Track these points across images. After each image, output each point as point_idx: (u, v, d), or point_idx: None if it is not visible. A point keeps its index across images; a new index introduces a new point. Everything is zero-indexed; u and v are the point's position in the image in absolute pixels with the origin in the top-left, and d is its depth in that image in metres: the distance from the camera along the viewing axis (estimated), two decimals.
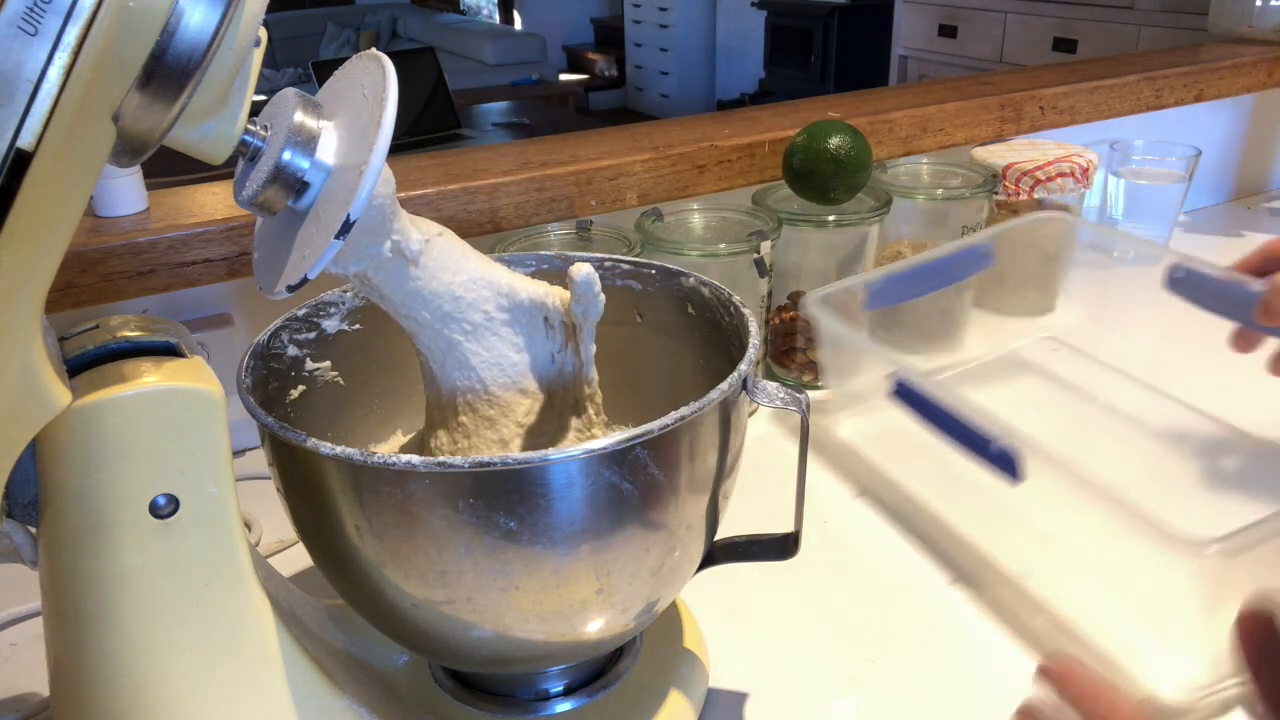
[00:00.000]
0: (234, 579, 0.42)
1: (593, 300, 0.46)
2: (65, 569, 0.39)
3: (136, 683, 0.40)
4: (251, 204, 0.40)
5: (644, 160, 0.88)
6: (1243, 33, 1.39)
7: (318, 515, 0.43)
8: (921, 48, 3.09)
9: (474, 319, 0.47)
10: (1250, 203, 1.40)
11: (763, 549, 0.53)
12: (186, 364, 0.41)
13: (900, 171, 0.98)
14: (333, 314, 0.54)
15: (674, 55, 5.43)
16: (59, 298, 0.69)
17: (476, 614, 0.43)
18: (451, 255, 0.46)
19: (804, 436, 0.49)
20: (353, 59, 0.42)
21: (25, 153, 0.30)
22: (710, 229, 0.84)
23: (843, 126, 0.83)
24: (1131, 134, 1.20)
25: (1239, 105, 1.35)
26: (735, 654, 0.58)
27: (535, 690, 0.52)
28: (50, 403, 0.36)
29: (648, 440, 0.40)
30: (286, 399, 0.51)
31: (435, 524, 0.40)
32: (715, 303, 0.53)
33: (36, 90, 0.30)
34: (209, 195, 0.79)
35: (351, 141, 0.39)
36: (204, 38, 0.32)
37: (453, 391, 0.48)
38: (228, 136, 0.38)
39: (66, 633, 0.40)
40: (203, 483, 0.40)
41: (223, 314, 0.79)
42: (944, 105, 1.04)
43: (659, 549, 0.44)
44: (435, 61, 3.05)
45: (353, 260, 0.42)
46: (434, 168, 0.85)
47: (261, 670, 0.43)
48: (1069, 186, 0.93)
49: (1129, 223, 1.16)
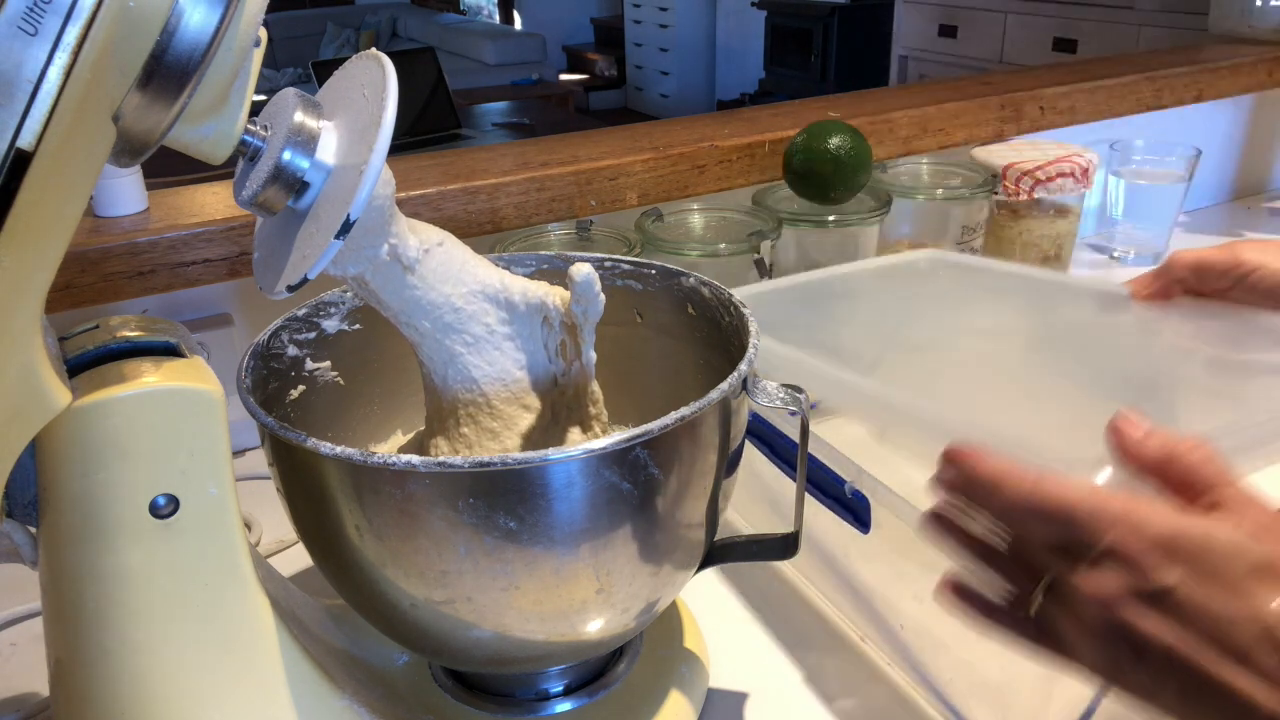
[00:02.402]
0: (234, 579, 0.42)
1: (593, 300, 0.46)
2: (65, 569, 0.39)
3: (136, 683, 0.40)
4: (251, 204, 0.40)
5: (644, 160, 0.88)
6: (1243, 33, 1.39)
7: (318, 515, 0.43)
8: (921, 48, 3.09)
9: (475, 331, 0.47)
10: (1250, 203, 1.40)
11: (763, 549, 0.53)
12: (186, 364, 0.41)
13: (900, 171, 0.98)
14: (333, 314, 0.54)
15: (674, 55, 5.42)
16: (59, 298, 0.69)
17: (476, 614, 0.43)
18: (451, 266, 0.46)
19: (804, 436, 0.49)
20: (353, 59, 0.42)
21: (25, 153, 0.30)
22: (710, 229, 0.84)
23: (843, 126, 0.83)
24: (1131, 134, 1.20)
25: (1239, 105, 1.35)
26: (735, 654, 0.58)
27: (535, 690, 0.52)
28: (50, 403, 0.36)
29: (648, 440, 0.40)
30: (286, 399, 0.51)
31: (435, 524, 0.40)
32: (715, 303, 0.53)
33: (36, 90, 0.30)
34: (209, 195, 0.79)
35: (351, 141, 0.39)
36: (204, 38, 0.32)
37: (454, 404, 0.48)
38: (228, 136, 0.38)
39: (66, 633, 0.40)
40: (203, 483, 0.40)
41: (223, 314, 0.79)
42: (944, 105, 1.04)
43: (659, 549, 0.44)
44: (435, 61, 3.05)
45: (350, 262, 0.42)
46: (434, 168, 0.85)
47: (261, 670, 0.43)
48: (1069, 186, 0.93)
49: (1129, 223, 1.16)
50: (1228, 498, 0.35)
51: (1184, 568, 0.33)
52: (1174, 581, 0.33)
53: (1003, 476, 0.37)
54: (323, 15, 5.78)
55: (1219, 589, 0.33)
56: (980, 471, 0.38)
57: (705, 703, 0.55)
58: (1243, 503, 0.35)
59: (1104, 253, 1.20)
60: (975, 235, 0.94)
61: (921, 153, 1.04)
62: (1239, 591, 0.33)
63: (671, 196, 0.90)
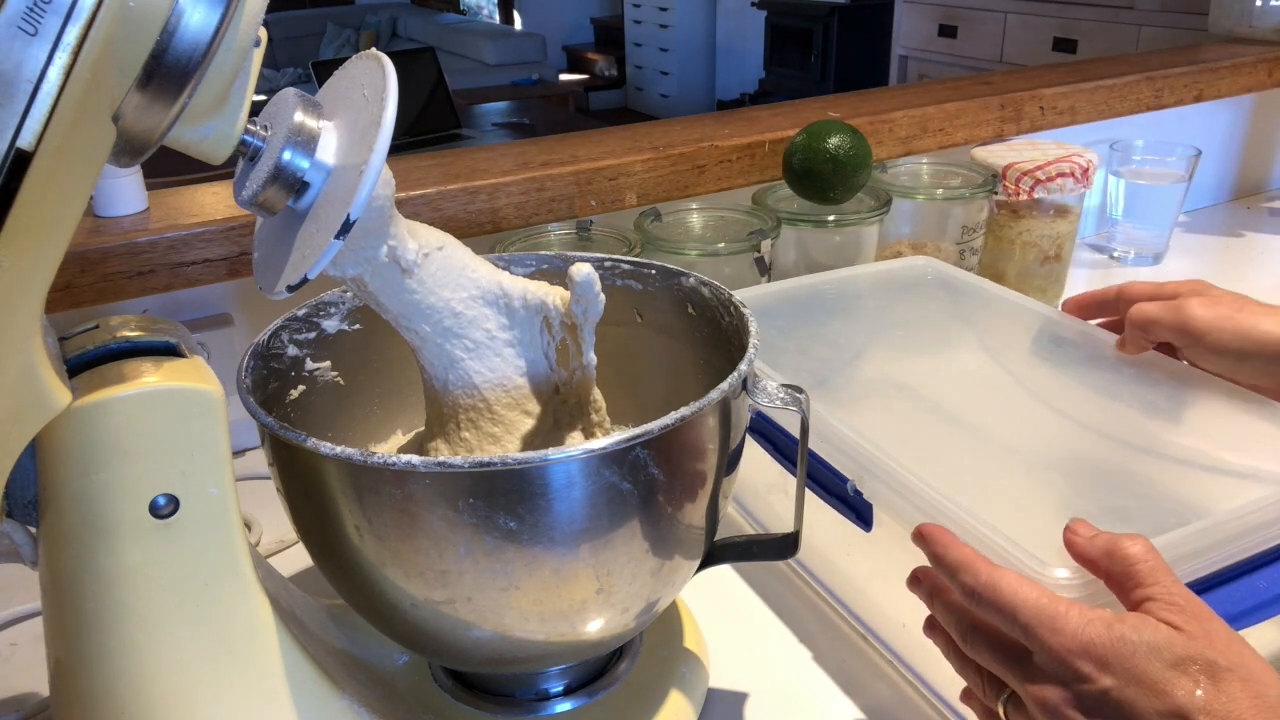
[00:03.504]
0: (234, 579, 0.42)
1: (593, 300, 0.46)
2: (65, 569, 0.39)
3: (136, 683, 0.40)
4: (251, 204, 0.40)
5: (644, 160, 0.88)
6: (1243, 33, 1.39)
7: (318, 515, 0.43)
8: (921, 48, 3.09)
9: (476, 337, 0.47)
10: (1250, 203, 1.40)
11: (763, 549, 0.53)
12: (186, 364, 0.41)
13: (900, 171, 0.98)
14: (333, 314, 0.54)
15: (674, 55, 5.42)
16: (59, 298, 0.69)
17: (476, 614, 0.43)
18: (451, 271, 0.46)
19: (804, 436, 0.49)
20: (353, 59, 0.42)
21: (25, 153, 0.30)
22: (710, 229, 0.84)
23: (842, 126, 0.83)
24: (1131, 134, 1.20)
25: (1239, 105, 1.35)
26: (735, 654, 0.58)
27: (535, 690, 0.52)
28: (50, 403, 0.36)
29: (648, 440, 0.40)
30: (286, 399, 0.51)
31: (435, 524, 0.40)
32: (715, 303, 0.53)
33: (36, 90, 0.30)
34: (209, 195, 0.79)
35: (351, 141, 0.39)
36: (204, 38, 0.32)
37: (455, 408, 0.48)
38: (228, 136, 0.38)
39: (66, 633, 0.40)
40: (203, 483, 0.40)
41: (223, 314, 0.79)
42: (944, 105, 1.04)
43: (659, 549, 0.44)
44: (435, 61, 3.05)
45: (349, 263, 0.42)
46: (434, 168, 0.85)
47: (261, 670, 0.43)
48: (1069, 186, 0.93)
49: (1129, 223, 1.16)
50: (1156, 593, 0.40)
51: (1113, 674, 0.38)
52: (1107, 685, 0.38)
53: (962, 565, 0.43)
54: (323, 15, 5.78)
55: (1145, 689, 0.37)
56: (945, 557, 0.44)
57: (705, 703, 0.55)
58: (1171, 597, 0.40)
59: (1104, 253, 1.20)
60: (975, 235, 0.94)
61: (921, 153, 1.04)
62: (1161, 690, 0.37)
63: (671, 196, 0.90)
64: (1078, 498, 0.45)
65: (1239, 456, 0.55)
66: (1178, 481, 0.53)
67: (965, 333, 0.71)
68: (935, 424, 0.60)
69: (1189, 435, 0.58)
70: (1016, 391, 0.64)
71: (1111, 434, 0.58)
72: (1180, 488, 0.53)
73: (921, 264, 0.81)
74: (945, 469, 0.51)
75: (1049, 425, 0.60)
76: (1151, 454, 0.56)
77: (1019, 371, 0.66)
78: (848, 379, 0.66)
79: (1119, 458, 0.56)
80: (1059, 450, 0.57)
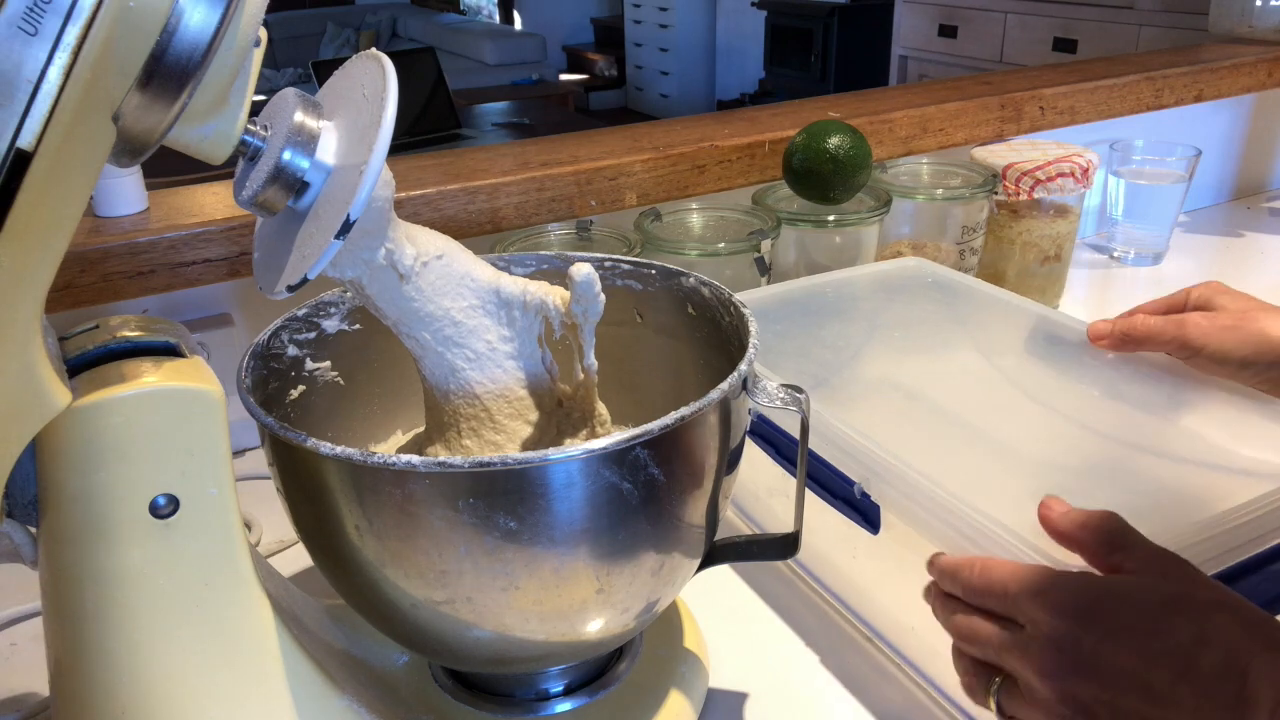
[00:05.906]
0: (234, 579, 0.42)
1: (593, 300, 0.46)
2: (65, 569, 0.39)
3: (136, 683, 0.40)
4: (251, 204, 0.40)
5: (644, 160, 0.88)
6: (1243, 33, 1.39)
7: (318, 515, 0.43)
8: (921, 48, 3.09)
9: (477, 348, 0.47)
10: (1250, 203, 1.40)
11: (763, 549, 0.53)
12: (186, 364, 0.41)
13: (900, 171, 0.98)
14: (333, 314, 0.54)
15: (674, 55, 5.42)
16: (59, 298, 0.69)
17: (476, 614, 0.43)
18: (451, 279, 0.46)
19: (804, 435, 0.49)
20: (353, 59, 0.42)
21: (25, 153, 0.30)
22: (710, 229, 0.84)
23: (842, 126, 0.83)
24: (1131, 134, 1.20)
25: (1239, 105, 1.35)
26: (735, 654, 0.58)
27: (535, 690, 0.52)
28: (50, 403, 0.36)
29: (648, 440, 0.40)
30: (286, 399, 0.51)
31: (435, 524, 0.40)
32: (715, 303, 0.53)
33: (36, 90, 0.30)
34: (209, 195, 0.79)
35: (351, 141, 0.39)
36: (204, 38, 0.32)
37: (456, 416, 0.48)
38: (228, 136, 0.38)
39: (66, 633, 0.40)
40: (203, 483, 0.40)
41: (223, 314, 0.79)
42: (944, 105, 1.04)
43: (659, 549, 0.44)
44: (435, 61, 3.05)
45: (348, 264, 0.42)
46: (434, 168, 0.85)
47: (261, 670, 0.43)
48: (1069, 186, 0.93)
49: (1129, 223, 1.16)
50: (1133, 553, 0.41)
51: (1102, 624, 0.38)
52: (1097, 639, 0.38)
53: (958, 568, 0.46)
54: (323, 15, 5.78)
55: (1137, 635, 0.38)
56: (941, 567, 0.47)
57: (705, 703, 0.55)
58: (1145, 553, 0.41)
59: (1104, 253, 1.20)
60: (975, 235, 0.94)
61: (921, 153, 1.04)
62: (1155, 630, 0.37)
63: (671, 196, 0.90)
64: (1084, 496, 0.45)
65: (1243, 452, 0.55)
66: (1182, 478, 0.54)
67: (964, 334, 0.71)
68: (936, 424, 0.60)
69: (1191, 432, 0.58)
70: (1016, 391, 0.64)
71: (1113, 432, 0.59)
72: (1185, 484, 0.53)
73: (914, 265, 0.81)
74: (949, 469, 0.51)
75: (1050, 424, 0.60)
76: (1154, 451, 0.57)
77: (1018, 371, 0.66)
78: (847, 380, 0.66)
79: (1123, 455, 0.56)
80: (1061, 449, 0.57)
